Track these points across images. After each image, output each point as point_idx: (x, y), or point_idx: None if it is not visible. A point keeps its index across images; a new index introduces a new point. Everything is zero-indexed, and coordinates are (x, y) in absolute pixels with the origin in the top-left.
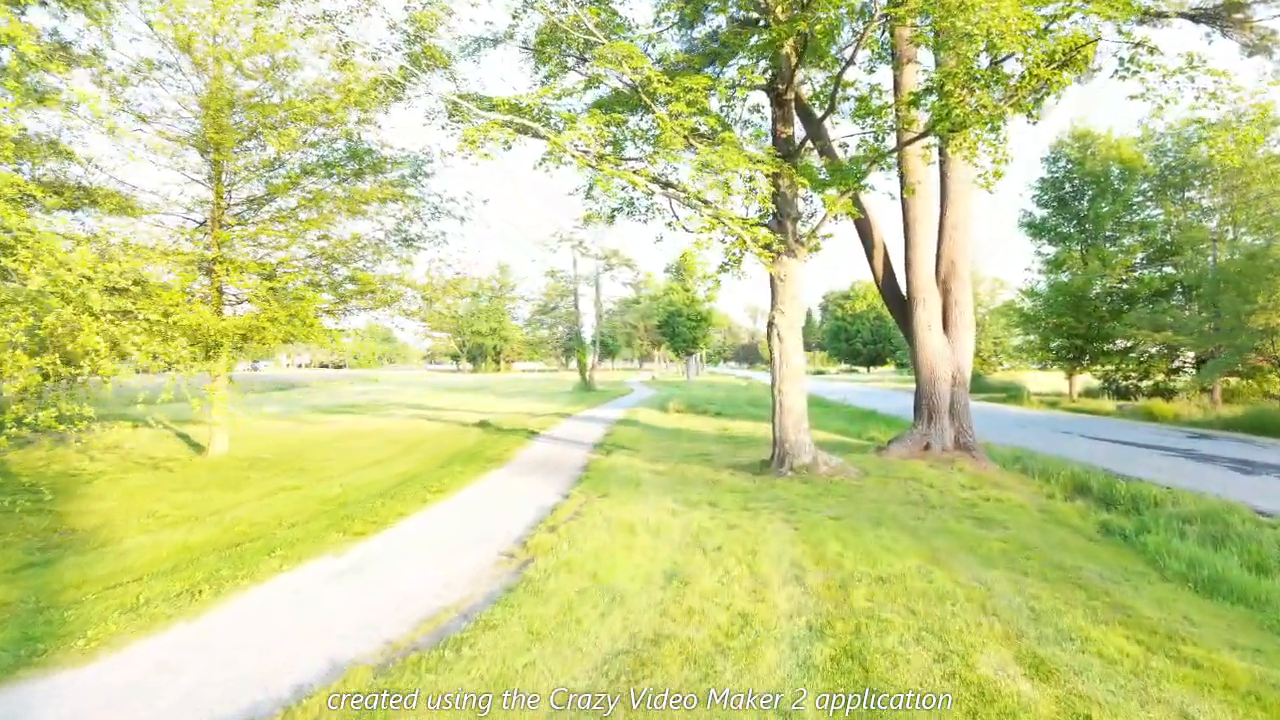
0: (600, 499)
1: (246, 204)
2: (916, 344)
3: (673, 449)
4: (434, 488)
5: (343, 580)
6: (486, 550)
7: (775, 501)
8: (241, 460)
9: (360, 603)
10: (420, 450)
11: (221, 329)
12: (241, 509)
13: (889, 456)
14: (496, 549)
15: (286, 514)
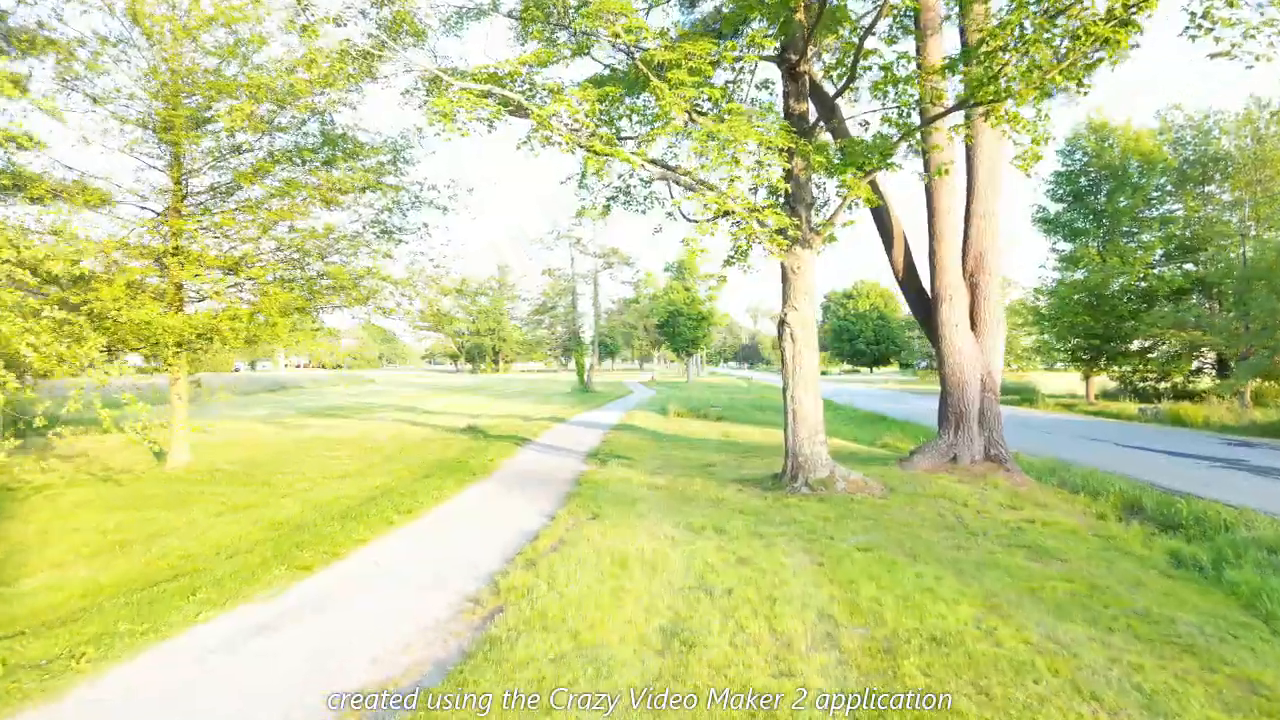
0: (590, 522)
1: (210, 193)
2: (942, 345)
3: (673, 458)
4: (404, 506)
5: (261, 639)
6: (448, 594)
7: (791, 526)
8: (201, 472)
9: (272, 674)
10: (399, 460)
11: (171, 327)
12: (180, 534)
13: (913, 469)
14: (461, 591)
15: (229, 540)
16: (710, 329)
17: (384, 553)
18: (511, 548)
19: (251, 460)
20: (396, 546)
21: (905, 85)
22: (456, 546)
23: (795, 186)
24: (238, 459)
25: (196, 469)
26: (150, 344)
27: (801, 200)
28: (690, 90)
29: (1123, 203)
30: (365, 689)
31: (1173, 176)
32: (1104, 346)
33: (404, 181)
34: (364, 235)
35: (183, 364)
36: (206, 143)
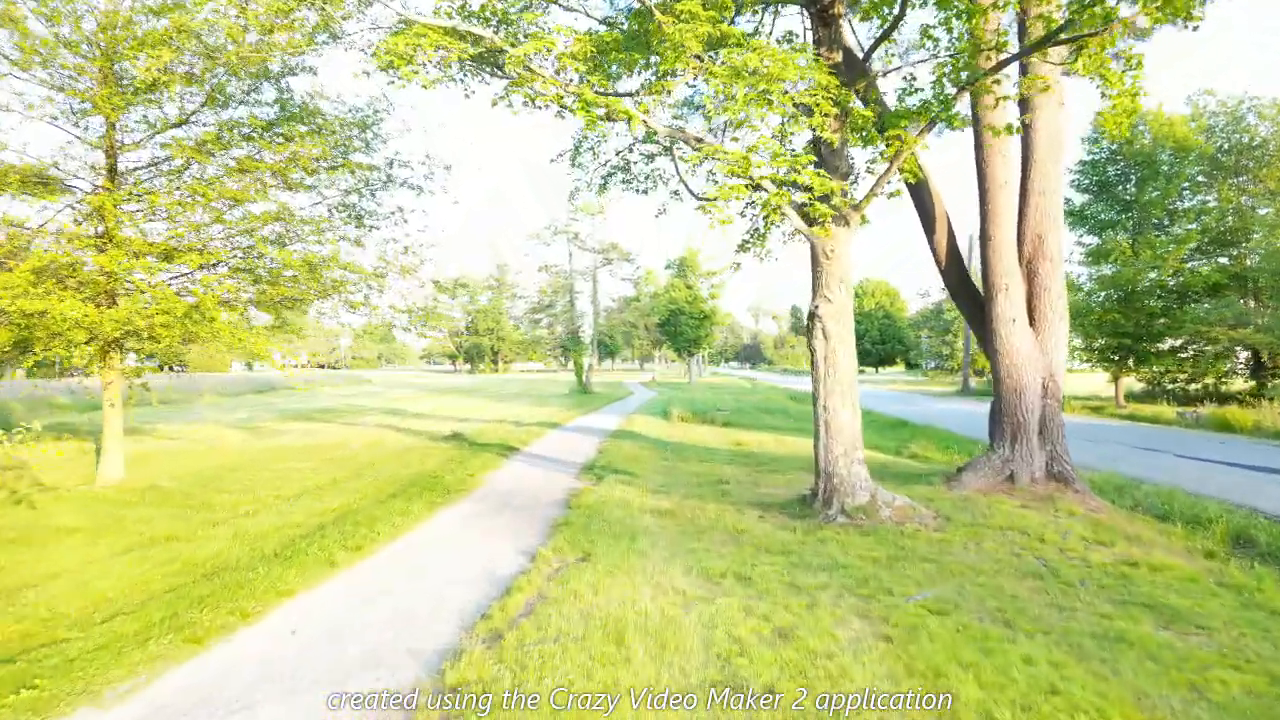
0: (579, 565)
1: (152, 170)
2: (996, 343)
3: (678, 473)
4: (355, 539)
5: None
6: (375, 690)
7: (834, 572)
8: (133, 491)
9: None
10: (369, 473)
11: (74, 320)
12: (63, 580)
13: (963, 490)
14: (393, 687)
15: (121, 591)
16: (713, 328)
17: (309, 612)
18: (475, 606)
19: (199, 474)
20: (329, 602)
21: (967, 19)
22: (404, 603)
23: (827, 153)
24: (184, 473)
25: (129, 487)
26: (66, 343)
27: (835, 170)
28: (705, 25)
29: (1154, 193)
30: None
31: (1206, 166)
32: (1134, 346)
33: (374, 159)
34: (331, 219)
35: (115, 365)
36: (146, 113)
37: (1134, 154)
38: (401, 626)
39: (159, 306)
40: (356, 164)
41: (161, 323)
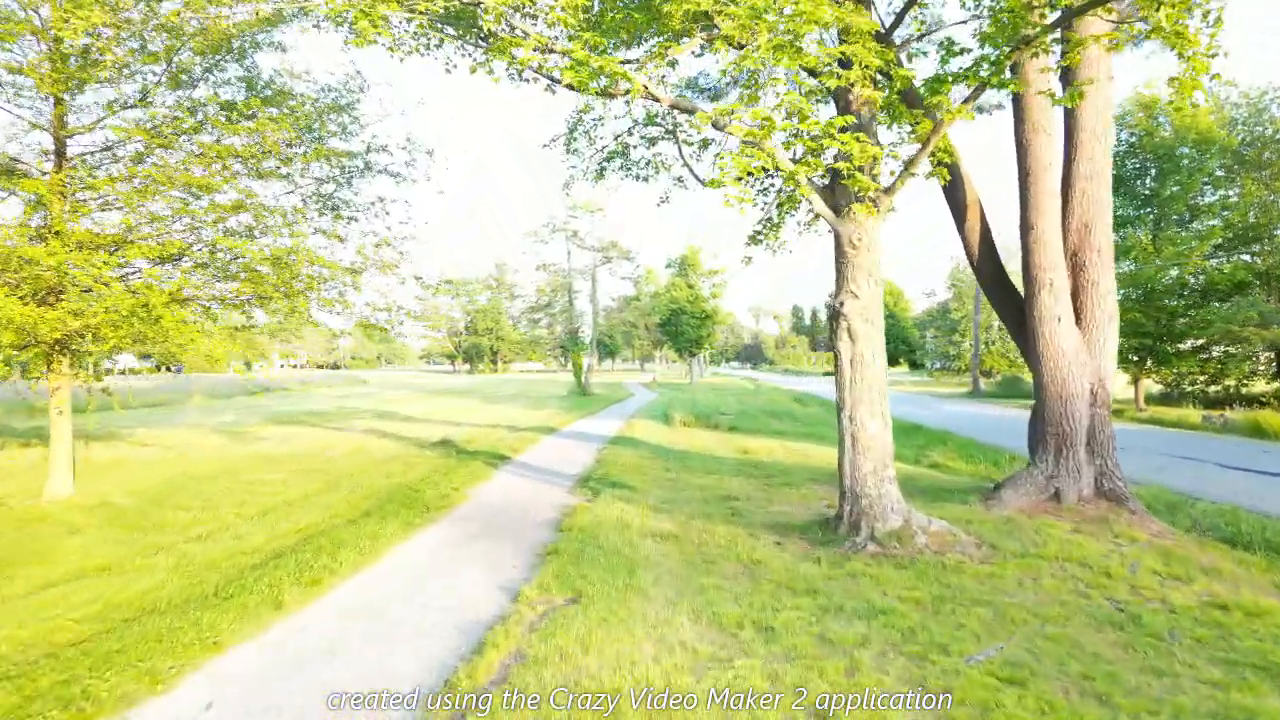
0: (567, 610)
1: (109, 155)
2: (1039, 344)
3: (682, 486)
4: (312, 572)
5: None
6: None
7: (872, 620)
8: (80, 509)
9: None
10: (345, 486)
11: (20, 321)
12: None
13: (1004, 509)
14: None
15: (13, 647)
16: (714, 328)
17: (235, 676)
18: (439, 668)
19: (160, 488)
20: (261, 661)
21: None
22: (354, 665)
23: (865, 120)
24: (144, 486)
25: (78, 503)
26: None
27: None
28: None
29: (1174, 188)
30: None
31: (1229, 159)
32: (1155, 346)
33: (351, 145)
34: (306, 210)
35: (62, 370)
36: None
37: (1153, 147)
38: (344, 701)
39: (103, 304)
40: (332, 150)
41: (106, 321)
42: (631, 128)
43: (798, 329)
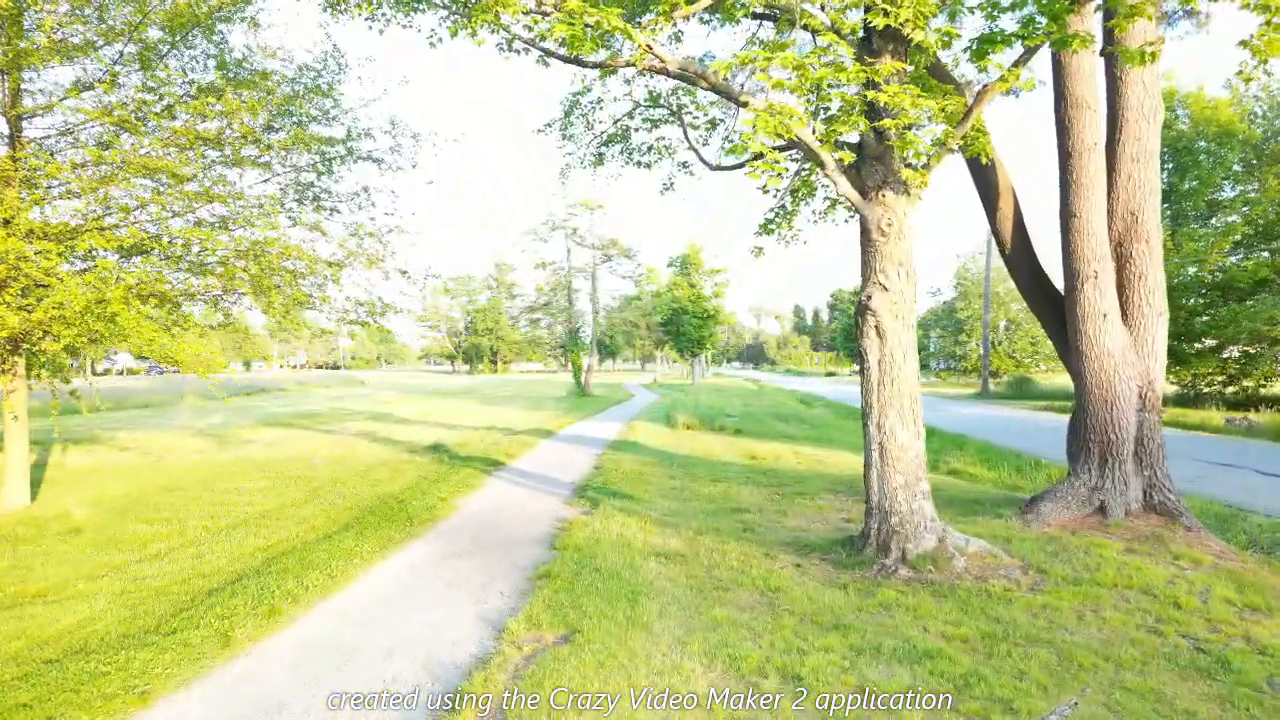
0: (558, 651)
1: (71, 140)
2: (1082, 342)
3: (688, 496)
4: (270, 602)
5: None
6: None
7: (916, 665)
8: (33, 523)
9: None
10: (326, 495)
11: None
12: None
13: (1043, 525)
14: None
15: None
16: (716, 328)
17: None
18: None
19: (127, 498)
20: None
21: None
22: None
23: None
24: (110, 496)
25: (33, 516)
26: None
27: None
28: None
29: (1193, 183)
30: None
31: (1250, 154)
32: (1173, 346)
33: (332, 130)
34: (284, 199)
35: (17, 372)
36: (59, 74)
37: (1170, 140)
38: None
39: (53, 300)
40: (313, 136)
41: (56, 318)
42: (633, 109)
43: (799, 329)
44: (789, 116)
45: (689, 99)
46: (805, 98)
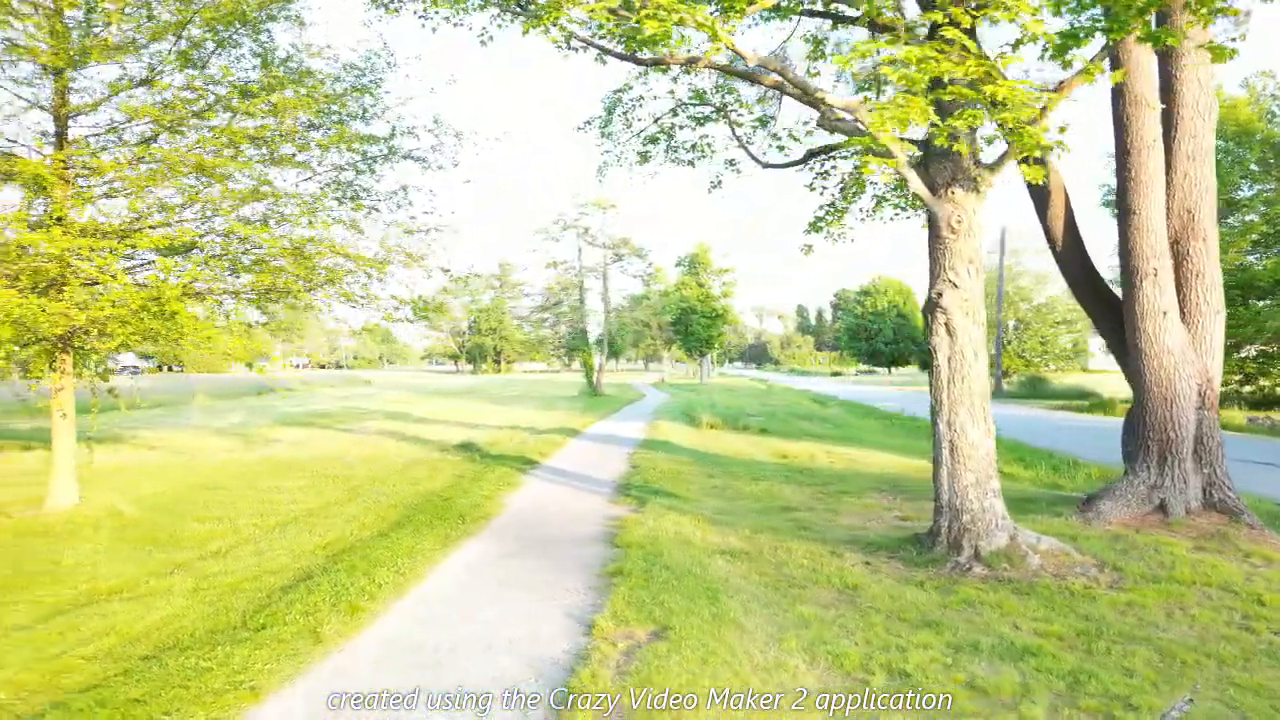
0: (654, 647)
1: (114, 138)
2: (1141, 340)
3: (733, 494)
4: (348, 599)
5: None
6: None
7: (1020, 662)
8: (86, 520)
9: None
10: (368, 494)
11: (17, 315)
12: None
13: (1104, 523)
14: None
15: (14, 694)
16: (725, 328)
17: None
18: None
19: (171, 498)
20: (310, 715)
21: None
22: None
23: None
24: (154, 494)
25: (82, 515)
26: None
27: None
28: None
29: None
30: None
31: (1270, 153)
32: None
33: (373, 128)
34: (323, 198)
35: (66, 369)
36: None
37: None
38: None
39: (109, 298)
40: (355, 134)
41: (113, 316)
42: (677, 107)
43: (803, 329)
44: (912, 110)
45: (732, 96)
46: (923, 92)
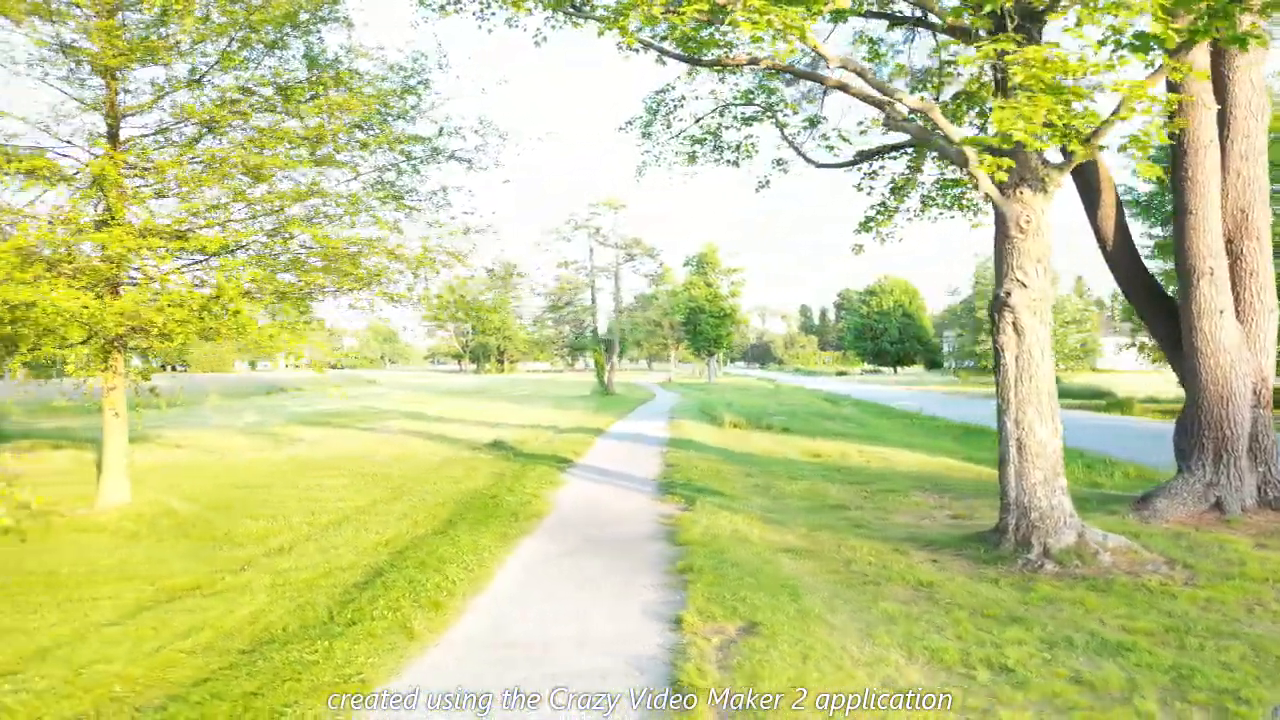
0: (751, 642)
1: (159, 138)
2: (1197, 339)
3: (776, 493)
4: (427, 595)
5: None
6: None
7: (1117, 657)
8: (140, 518)
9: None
10: (412, 492)
11: (72, 313)
12: (50, 663)
13: (1161, 520)
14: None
15: (130, 687)
16: (733, 327)
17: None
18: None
19: (217, 496)
20: (420, 711)
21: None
22: (547, 715)
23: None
24: (198, 492)
25: (135, 513)
26: (60, 340)
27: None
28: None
29: None
30: None
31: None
32: None
33: (418, 128)
34: (365, 200)
35: (118, 367)
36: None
37: None
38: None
39: (169, 298)
40: (401, 134)
41: (175, 316)
42: (723, 108)
43: (806, 328)
44: (1040, 107)
45: (775, 97)
46: (1053, 92)
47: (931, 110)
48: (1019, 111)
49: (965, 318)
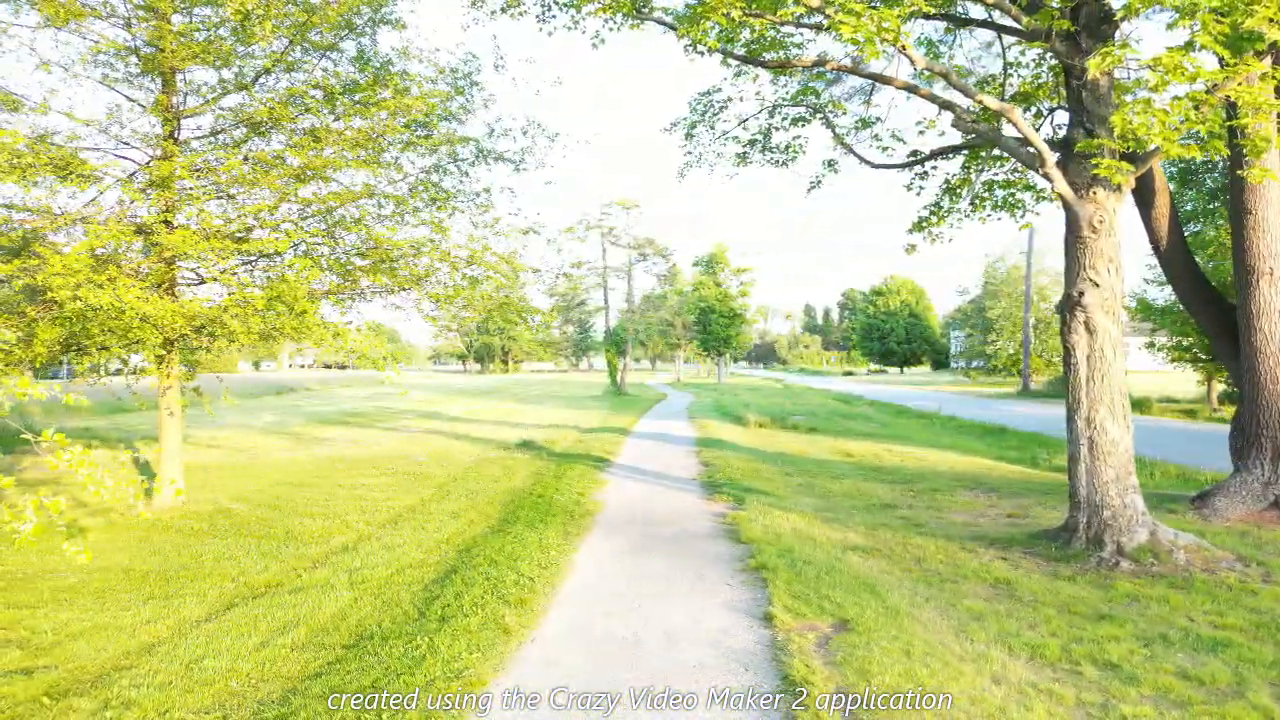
0: (848, 638)
1: (212, 140)
2: (1256, 338)
3: (822, 492)
4: (510, 592)
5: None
6: None
7: (1219, 653)
8: (198, 517)
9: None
10: (457, 491)
11: (155, 317)
12: (159, 658)
13: (1222, 519)
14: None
15: (246, 682)
16: (743, 327)
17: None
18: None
19: (267, 495)
20: (539, 707)
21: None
22: (668, 711)
23: (1088, 95)
24: (246, 492)
25: (192, 511)
26: (127, 341)
27: (1095, 115)
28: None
29: None
30: None
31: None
32: None
33: (468, 129)
34: (411, 201)
35: (174, 367)
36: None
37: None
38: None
39: (233, 298)
40: (450, 134)
41: (239, 318)
42: (772, 109)
43: (810, 328)
44: (1176, 110)
45: (825, 97)
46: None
47: (1010, 112)
48: (1151, 113)
49: (975, 318)
